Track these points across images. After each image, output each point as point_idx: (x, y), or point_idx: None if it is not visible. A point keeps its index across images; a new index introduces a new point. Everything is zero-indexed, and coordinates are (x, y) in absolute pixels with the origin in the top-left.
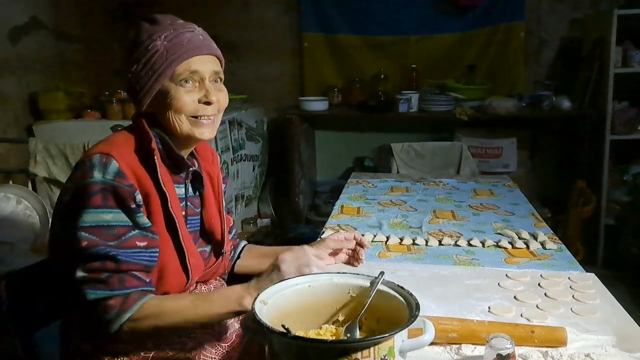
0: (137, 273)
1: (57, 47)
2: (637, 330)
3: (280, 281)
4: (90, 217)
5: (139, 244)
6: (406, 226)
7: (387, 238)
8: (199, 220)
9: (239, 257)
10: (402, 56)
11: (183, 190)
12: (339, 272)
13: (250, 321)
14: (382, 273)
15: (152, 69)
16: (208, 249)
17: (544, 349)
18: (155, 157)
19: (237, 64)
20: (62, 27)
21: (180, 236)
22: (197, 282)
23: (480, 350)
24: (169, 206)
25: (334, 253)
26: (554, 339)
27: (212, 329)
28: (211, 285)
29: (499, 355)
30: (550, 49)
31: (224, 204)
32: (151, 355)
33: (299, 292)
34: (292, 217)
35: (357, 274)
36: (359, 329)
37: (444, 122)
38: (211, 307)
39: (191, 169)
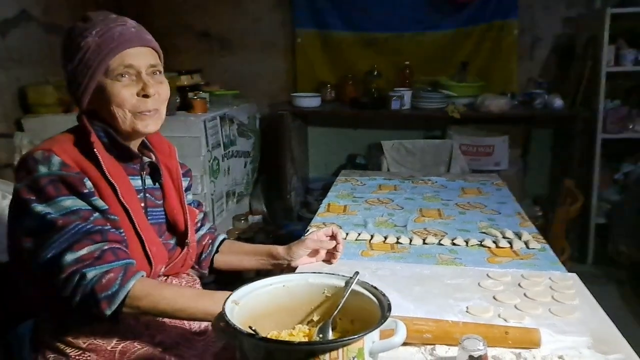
0: (122, 247)
1: (47, 40)
2: (614, 331)
3: None
4: (53, 207)
5: (107, 222)
6: (391, 225)
7: (371, 237)
8: (162, 213)
9: (217, 251)
10: (396, 53)
11: (140, 181)
12: (314, 272)
13: (221, 322)
14: (356, 273)
15: (87, 65)
16: (173, 241)
17: (517, 351)
18: (96, 150)
19: (229, 59)
20: (52, 19)
21: (136, 224)
22: (167, 276)
23: (454, 350)
24: (120, 196)
25: (314, 253)
26: (528, 340)
27: (181, 322)
28: (182, 280)
29: (471, 356)
30: (544, 47)
31: (184, 196)
32: (119, 349)
33: (273, 292)
34: (283, 214)
35: (332, 274)
36: (333, 330)
37: (436, 119)
38: (213, 304)
39: (146, 160)
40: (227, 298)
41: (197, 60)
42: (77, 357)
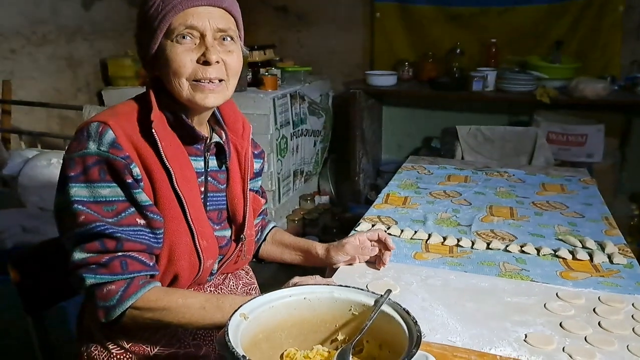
0: (139, 255)
1: (129, 13)
2: None
3: None
4: (87, 191)
5: (139, 221)
6: (454, 223)
7: (429, 236)
8: (224, 198)
9: (265, 239)
10: (482, 29)
11: (202, 163)
12: (340, 285)
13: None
14: (388, 291)
15: (149, 25)
16: (228, 233)
17: None
18: (154, 130)
19: (306, 34)
20: None
21: (189, 215)
22: (225, 274)
23: None
24: (174, 182)
25: (354, 259)
26: None
27: None
28: (240, 282)
29: None
30: None
31: (248, 184)
32: (163, 355)
33: (292, 304)
34: (351, 196)
35: (361, 290)
36: (359, 353)
37: (522, 103)
38: (222, 315)
39: (214, 140)
40: (236, 310)
41: (274, 35)
42: (119, 356)
